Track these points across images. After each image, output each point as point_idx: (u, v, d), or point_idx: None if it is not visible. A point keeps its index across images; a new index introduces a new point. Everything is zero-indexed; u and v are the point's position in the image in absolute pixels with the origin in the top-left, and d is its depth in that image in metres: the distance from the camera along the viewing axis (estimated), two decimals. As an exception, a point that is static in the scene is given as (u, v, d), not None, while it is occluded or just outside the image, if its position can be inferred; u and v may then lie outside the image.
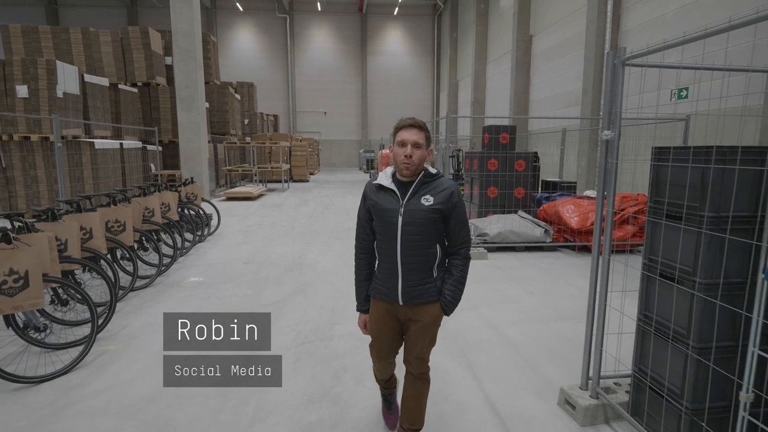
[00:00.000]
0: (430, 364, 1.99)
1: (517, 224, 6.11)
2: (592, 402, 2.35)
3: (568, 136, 11.98)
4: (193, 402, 2.50)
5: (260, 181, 15.36)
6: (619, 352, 2.47)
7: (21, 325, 2.93)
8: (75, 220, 3.50)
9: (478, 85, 20.78)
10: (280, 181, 15.88)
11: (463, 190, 7.98)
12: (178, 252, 5.33)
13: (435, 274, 1.87)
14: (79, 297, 3.01)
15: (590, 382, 2.42)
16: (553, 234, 6.16)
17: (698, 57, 8.19)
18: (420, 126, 1.79)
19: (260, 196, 12.91)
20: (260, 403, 2.49)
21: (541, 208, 6.65)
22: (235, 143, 14.92)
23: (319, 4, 26.61)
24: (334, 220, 8.90)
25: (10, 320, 2.93)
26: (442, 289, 1.88)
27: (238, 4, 26.09)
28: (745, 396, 1.82)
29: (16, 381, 2.62)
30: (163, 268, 4.81)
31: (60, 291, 3.24)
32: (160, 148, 11.80)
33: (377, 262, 1.93)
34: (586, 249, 6.07)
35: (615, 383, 2.52)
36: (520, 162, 6.76)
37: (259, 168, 14.41)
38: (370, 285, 1.96)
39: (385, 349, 1.99)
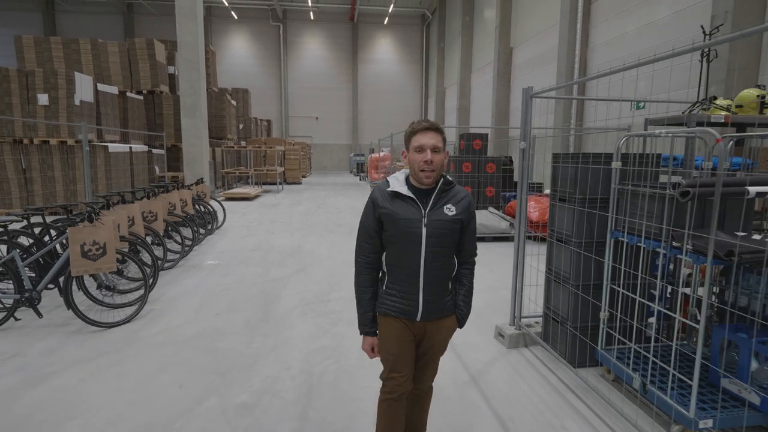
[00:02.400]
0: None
1: (487, 218, 7.10)
2: (515, 332, 3.32)
3: (544, 141, 13.08)
4: (229, 337, 3.41)
5: (256, 183, 16.22)
6: (537, 298, 3.44)
7: (95, 286, 3.80)
8: (123, 210, 4.38)
9: (463, 92, 21.86)
10: (274, 183, 16.73)
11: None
12: (193, 242, 6.21)
13: (450, 287, 1.78)
14: (136, 265, 3.89)
15: (515, 319, 3.38)
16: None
17: (650, 72, 9.37)
18: (437, 128, 1.65)
19: (257, 196, 13.77)
20: (279, 339, 3.41)
21: (509, 204, 7.66)
22: (233, 147, 15.76)
23: (311, 13, 27.60)
24: (327, 217, 9.81)
25: (82, 283, 3.81)
26: (457, 301, 1.80)
27: (233, 12, 26.96)
28: (603, 314, 2.80)
29: (95, 324, 3.50)
30: (183, 253, 5.69)
31: (117, 263, 4.11)
32: (163, 152, 12.63)
33: (388, 276, 1.75)
34: (544, 239, 7.07)
35: (535, 322, 3.50)
36: (491, 165, 7.76)
37: (255, 171, 15.27)
38: (373, 304, 1.78)
39: (408, 366, 1.79)
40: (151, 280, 4.15)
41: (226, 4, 26.13)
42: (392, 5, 26.17)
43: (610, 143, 10.83)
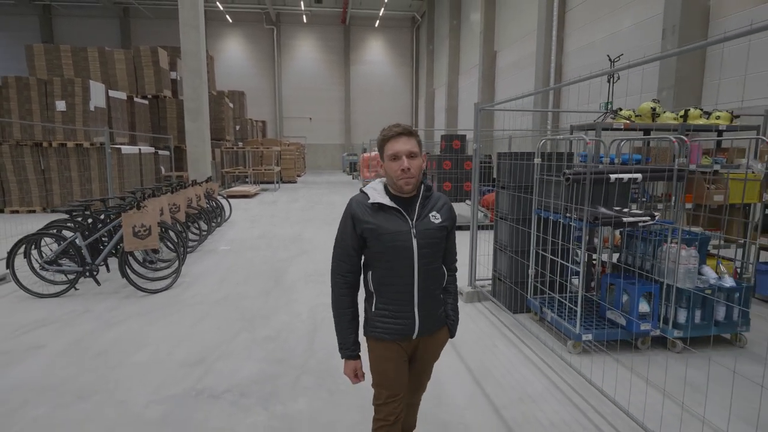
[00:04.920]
0: None
1: (464, 210, 8.08)
2: (471, 290, 4.31)
3: (523, 141, 14.12)
4: (250, 299, 4.36)
5: (254, 182, 17.10)
6: (490, 266, 4.42)
7: (140, 260, 4.73)
8: (156, 201, 5.29)
9: (451, 93, 22.80)
10: (272, 182, 17.62)
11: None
12: (208, 231, 7.13)
13: (441, 297, 1.71)
14: (172, 244, 4.82)
15: (472, 280, 4.37)
16: (490, 216, 8.16)
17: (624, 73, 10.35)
18: (410, 132, 1.57)
19: (256, 194, 14.66)
20: (289, 299, 4.37)
21: (484, 197, 8.65)
22: (232, 148, 16.63)
23: (304, 16, 28.46)
24: (322, 211, 10.75)
25: (128, 259, 4.73)
26: (446, 311, 1.74)
27: (227, 16, 27.73)
28: (531, 272, 3.78)
29: (143, 290, 4.44)
30: (200, 240, 6.61)
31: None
32: (167, 153, 13.48)
33: (377, 297, 1.65)
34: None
35: (488, 283, 4.48)
36: (468, 163, 8.75)
37: (254, 170, 16.16)
38: (356, 326, 1.68)
39: (404, 388, 1.69)
40: (181, 257, 5.08)
41: (221, 9, 26.88)
42: (383, 8, 27.09)
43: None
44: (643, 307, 3.12)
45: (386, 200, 1.58)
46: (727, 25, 7.49)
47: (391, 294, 1.61)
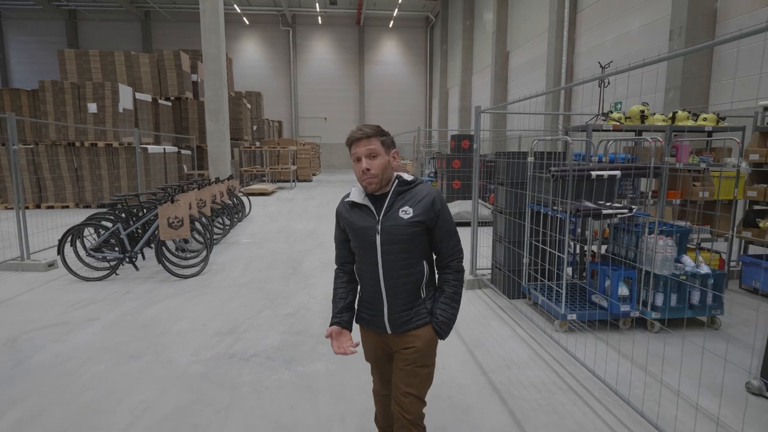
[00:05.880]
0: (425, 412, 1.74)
1: (472, 206, 8.45)
2: (472, 278, 4.70)
3: (530, 140, 14.37)
4: (272, 283, 4.83)
5: (271, 180, 17.70)
6: (489, 255, 4.79)
7: (173, 249, 5.24)
8: (185, 196, 5.81)
9: (464, 93, 23.05)
10: (288, 181, 18.19)
11: (434, 185, 10.33)
12: (231, 225, 7.66)
13: (423, 295, 1.68)
14: (200, 235, 5.32)
15: (473, 269, 4.76)
16: (497, 213, 8.50)
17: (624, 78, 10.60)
18: (369, 135, 1.59)
19: (273, 192, 15.23)
20: (306, 284, 4.83)
21: (492, 195, 9.00)
22: (250, 147, 17.25)
23: (319, 17, 29.03)
24: (337, 208, 11.21)
25: (161, 248, 5.25)
26: (433, 309, 1.68)
27: (244, 18, 28.47)
28: (525, 260, 4.16)
29: (176, 275, 4.95)
30: (224, 233, 7.12)
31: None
32: (189, 152, 14.14)
33: (360, 287, 1.74)
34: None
35: (488, 272, 4.86)
36: (476, 161, 9.11)
37: (271, 169, 16.75)
38: (348, 301, 1.75)
39: (385, 378, 1.83)
40: (209, 247, 5.58)
41: (239, 11, 27.62)
42: (397, 9, 27.47)
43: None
44: (623, 290, 3.47)
45: (359, 198, 1.65)
46: (734, 27, 7.67)
47: (366, 286, 1.69)
